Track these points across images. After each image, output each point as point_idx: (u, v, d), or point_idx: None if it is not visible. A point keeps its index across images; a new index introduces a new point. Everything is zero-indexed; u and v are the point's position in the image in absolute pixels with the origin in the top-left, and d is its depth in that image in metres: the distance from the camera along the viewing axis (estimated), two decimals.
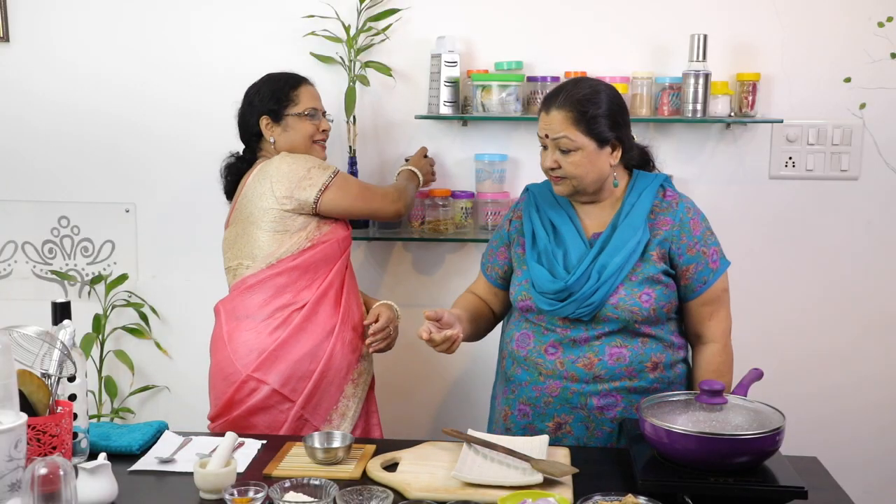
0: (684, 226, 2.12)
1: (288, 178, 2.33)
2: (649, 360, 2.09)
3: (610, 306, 2.05)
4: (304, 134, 2.43)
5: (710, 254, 2.14)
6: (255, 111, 2.43)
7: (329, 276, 2.39)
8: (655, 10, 2.87)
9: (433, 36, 2.85)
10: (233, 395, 2.31)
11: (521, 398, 2.15)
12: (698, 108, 2.77)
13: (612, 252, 2.07)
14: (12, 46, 3.02)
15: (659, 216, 2.13)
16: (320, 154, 2.48)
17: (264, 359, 2.30)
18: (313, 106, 2.46)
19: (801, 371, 3.02)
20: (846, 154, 2.92)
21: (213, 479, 1.75)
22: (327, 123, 2.50)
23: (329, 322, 2.36)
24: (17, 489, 1.56)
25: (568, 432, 2.10)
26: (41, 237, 3.13)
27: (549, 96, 2.10)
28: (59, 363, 1.75)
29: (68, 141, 3.06)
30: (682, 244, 2.11)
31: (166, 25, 2.98)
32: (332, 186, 2.36)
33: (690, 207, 2.16)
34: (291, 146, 2.43)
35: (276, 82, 2.45)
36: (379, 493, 1.69)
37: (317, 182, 2.34)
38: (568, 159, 2.07)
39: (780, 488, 1.69)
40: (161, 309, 3.13)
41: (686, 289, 2.13)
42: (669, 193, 2.17)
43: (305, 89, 2.47)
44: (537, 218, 2.19)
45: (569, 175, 2.08)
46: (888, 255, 2.97)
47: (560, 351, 2.09)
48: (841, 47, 2.85)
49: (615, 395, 2.08)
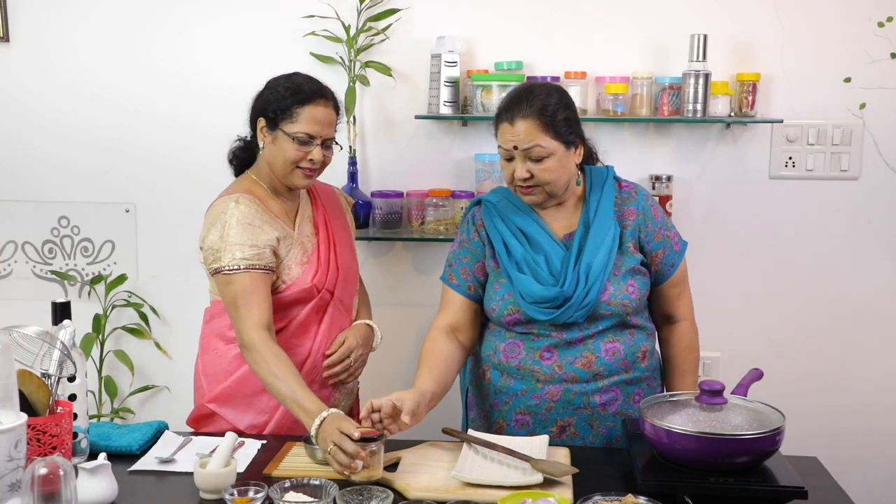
0: (647, 213, 2.16)
1: (204, 238, 2.17)
2: (639, 349, 2.13)
3: (602, 304, 2.05)
4: (286, 157, 2.16)
5: (672, 237, 2.19)
6: (260, 107, 2.22)
7: (291, 318, 2.22)
8: (655, 10, 2.87)
9: (433, 36, 2.85)
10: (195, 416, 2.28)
11: (517, 408, 2.12)
12: (698, 108, 2.77)
13: (593, 250, 2.07)
14: (12, 46, 3.02)
15: (622, 207, 2.15)
16: (301, 182, 2.20)
17: (221, 392, 2.23)
18: (308, 132, 2.15)
19: (800, 371, 3.02)
20: (846, 154, 2.92)
21: (213, 479, 1.75)
22: (320, 153, 2.17)
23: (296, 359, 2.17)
24: (17, 489, 1.56)
25: (573, 434, 2.09)
26: (41, 237, 3.13)
27: (509, 107, 2.04)
28: (59, 363, 1.75)
29: (68, 140, 3.06)
30: (648, 231, 2.15)
31: (167, 24, 2.98)
32: (215, 277, 2.15)
33: (647, 194, 2.21)
34: (271, 162, 2.20)
35: (288, 89, 2.19)
36: (379, 493, 1.70)
37: (210, 265, 2.15)
38: (540, 167, 2.03)
39: (780, 488, 1.70)
40: (161, 309, 3.13)
41: (657, 274, 2.17)
42: (624, 184, 2.20)
43: (312, 109, 2.16)
44: (504, 227, 2.14)
45: (542, 182, 2.05)
46: (888, 255, 2.97)
47: (556, 354, 2.08)
48: (841, 47, 2.85)
49: (615, 390, 2.09)
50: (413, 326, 3.05)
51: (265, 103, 2.21)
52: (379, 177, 2.99)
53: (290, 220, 2.27)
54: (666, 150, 2.94)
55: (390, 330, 2.63)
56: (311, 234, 2.29)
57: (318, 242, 2.29)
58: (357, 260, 2.44)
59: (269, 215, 2.20)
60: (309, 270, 2.23)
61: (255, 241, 2.14)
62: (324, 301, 2.26)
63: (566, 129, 2.04)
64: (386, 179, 2.99)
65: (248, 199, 2.19)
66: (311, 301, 2.24)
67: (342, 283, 2.31)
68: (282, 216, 2.25)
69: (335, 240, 2.33)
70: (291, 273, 2.21)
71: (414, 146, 2.96)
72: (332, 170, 2.91)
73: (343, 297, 2.32)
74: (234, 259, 2.11)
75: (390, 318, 2.78)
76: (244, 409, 2.23)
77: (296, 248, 2.23)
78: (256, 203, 2.19)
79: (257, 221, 2.16)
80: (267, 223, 2.18)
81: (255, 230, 2.15)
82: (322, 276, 2.25)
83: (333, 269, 2.28)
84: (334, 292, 2.28)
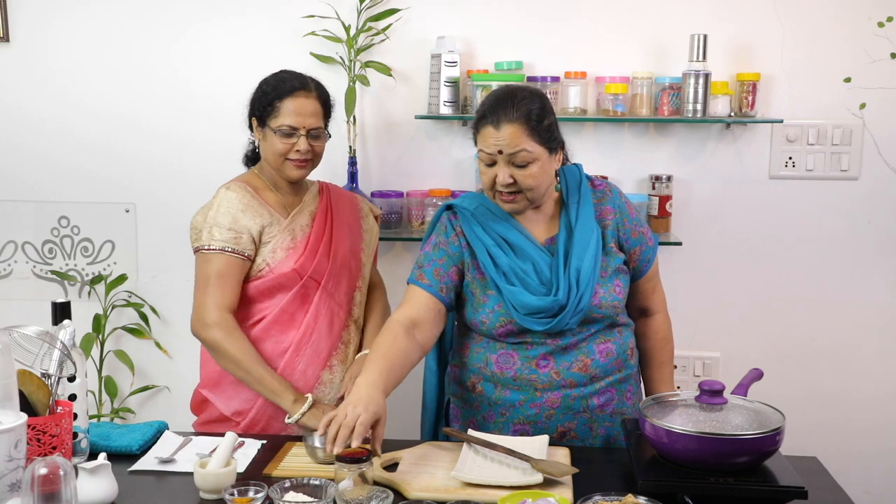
0: (623, 211, 2.15)
1: (196, 214, 2.29)
2: (628, 347, 2.14)
3: (594, 307, 2.04)
4: (274, 150, 2.23)
5: (646, 232, 2.19)
6: (251, 107, 2.31)
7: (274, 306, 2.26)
8: (655, 10, 2.88)
9: (433, 36, 2.85)
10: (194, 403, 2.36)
11: (516, 419, 2.08)
12: (698, 108, 2.77)
13: (580, 254, 2.03)
14: (12, 46, 3.02)
15: (599, 207, 2.13)
16: (293, 173, 2.26)
17: (211, 375, 2.30)
18: (290, 124, 2.21)
19: (800, 371, 3.02)
20: (846, 154, 2.92)
21: (213, 479, 1.75)
22: (306, 144, 2.22)
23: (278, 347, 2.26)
24: (17, 489, 1.56)
25: (573, 438, 2.09)
26: (41, 237, 3.13)
27: (493, 110, 1.97)
28: (59, 363, 1.75)
29: (68, 141, 3.06)
30: (626, 229, 2.14)
31: (168, 24, 2.98)
32: (195, 254, 2.25)
33: (620, 191, 2.19)
34: (265, 157, 2.29)
35: (271, 85, 2.27)
36: (379, 493, 1.69)
37: (192, 241, 2.27)
38: (524, 172, 1.97)
39: (780, 488, 1.69)
40: (161, 309, 3.13)
41: (635, 270, 2.17)
42: (597, 182, 2.18)
43: (292, 101, 2.22)
44: (486, 236, 2.07)
45: (525, 188, 1.99)
46: (888, 255, 2.97)
47: (552, 361, 2.05)
48: (841, 47, 2.85)
49: (611, 390, 2.09)
50: None
51: (254, 103, 2.30)
52: (379, 177, 2.99)
53: (285, 211, 2.31)
54: (666, 150, 2.94)
55: None
56: (306, 224, 2.31)
57: (311, 232, 2.30)
58: (362, 260, 2.43)
59: (258, 202, 2.26)
60: (293, 255, 2.26)
61: (234, 225, 2.22)
62: (308, 289, 2.27)
63: (549, 134, 2.00)
64: (386, 179, 2.99)
65: (239, 186, 2.28)
66: (294, 287, 2.25)
67: (333, 275, 2.30)
68: (275, 206, 2.29)
69: (334, 233, 2.33)
70: (276, 257, 2.24)
71: (414, 146, 2.96)
72: (333, 170, 2.93)
73: (334, 291, 2.31)
74: (213, 239, 2.20)
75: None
76: (231, 394, 2.28)
77: (284, 235, 2.26)
78: (249, 191, 2.27)
79: (243, 207, 2.24)
80: (254, 210, 2.25)
81: (238, 215, 2.23)
82: (306, 261, 2.25)
83: (322, 258, 2.28)
84: (321, 282, 2.28)
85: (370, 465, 1.74)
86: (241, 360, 2.17)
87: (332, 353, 2.31)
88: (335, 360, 2.31)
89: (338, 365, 2.32)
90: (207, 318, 2.18)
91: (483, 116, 1.99)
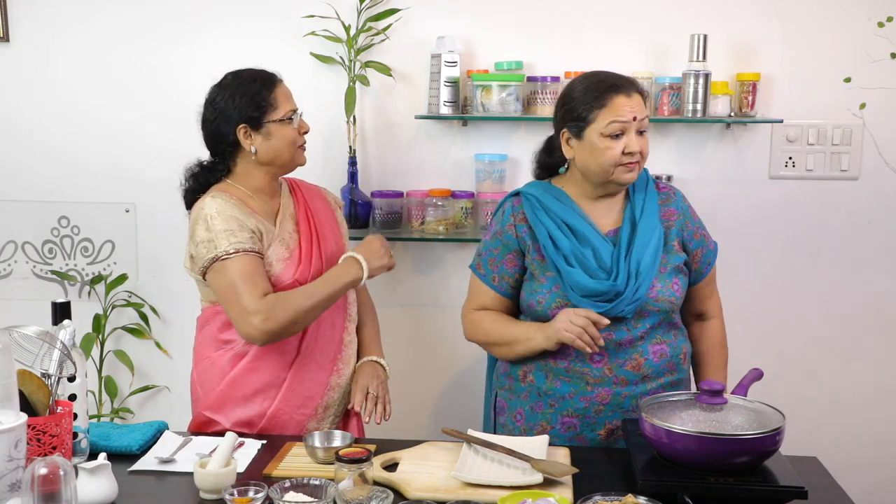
0: (687, 213, 2.19)
1: (192, 238, 2.17)
2: (682, 351, 2.16)
3: (650, 300, 2.06)
4: (288, 141, 2.20)
5: (707, 236, 2.23)
6: (230, 120, 2.19)
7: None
8: (655, 10, 2.88)
9: (433, 36, 2.85)
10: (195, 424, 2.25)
11: (564, 411, 2.10)
12: (698, 108, 2.77)
13: (642, 248, 2.07)
14: (12, 46, 3.02)
15: (664, 208, 2.17)
16: (302, 158, 2.26)
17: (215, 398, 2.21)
18: (292, 108, 2.22)
19: (800, 371, 3.02)
20: (846, 154, 2.92)
21: (213, 479, 1.75)
22: (306, 124, 2.25)
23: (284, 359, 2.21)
24: (17, 489, 1.56)
25: (620, 437, 2.08)
26: (41, 237, 3.13)
27: (620, 81, 2.06)
28: (59, 363, 1.75)
29: (68, 141, 3.06)
30: (689, 231, 2.18)
31: (168, 23, 2.98)
32: (211, 269, 2.12)
33: (684, 195, 2.24)
34: (275, 155, 2.20)
35: (250, 84, 2.21)
36: (379, 493, 1.69)
37: (204, 258, 2.13)
38: (644, 140, 2.07)
39: (780, 488, 1.70)
40: (161, 309, 3.13)
41: (696, 272, 2.20)
42: (661, 185, 2.23)
43: (281, 90, 2.22)
44: (549, 220, 2.12)
45: (644, 156, 2.08)
46: (888, 255, 2.97)
47: (606, 357, 2.07)
48: (841, 47, 2.85)
49: (661, 392, 2.08)
50: (413, 326, 3.06)
51: (237, 111, 2.19)
52: (379, 177, 2.99)
53: (272, 218, 2.25)
54: (666, 150, 2.94)
55: (390, 330, 2.63)
56: (292, 230, 2.26)
57: (300, 238, 2.26)
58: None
59: (247, 209, 2.19)
60: (291, 266, 2.20)
61: (241, 226, 2.14)
62: None
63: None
64: (386, 179, 2.99)
65: (223, 195, 2.19)
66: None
67: None
68: (262, 213, 2.23)
69: (318, 233, 2.29)
70: (273, 270, 2.18)
71: (414, 146, 2.96)
72: (333, 170, 2.93)
73: None
74: (230, 243, 2.11)
75: (390, 318, 2.78)
76: (240, 412, 2.20)
77: (277, 245, 2.21)
78: (234, 199, 2.19)
79: (237, 212, 2.16)
80: (247, 216, 2.18)
81: (236, 214, 2.15)
82: (304, 270, 2.22)
83: (317, 262, 2.25)
84: None
85: (370, 465, 1.75)
86: (311, 306, 2.12)
87: (336, 357, 2.28)
88: (340, 363, 2.29)
89: (344, 368, 2.29)
90: (251, 307, 2.06)
91: (610, 87, 2.04)
